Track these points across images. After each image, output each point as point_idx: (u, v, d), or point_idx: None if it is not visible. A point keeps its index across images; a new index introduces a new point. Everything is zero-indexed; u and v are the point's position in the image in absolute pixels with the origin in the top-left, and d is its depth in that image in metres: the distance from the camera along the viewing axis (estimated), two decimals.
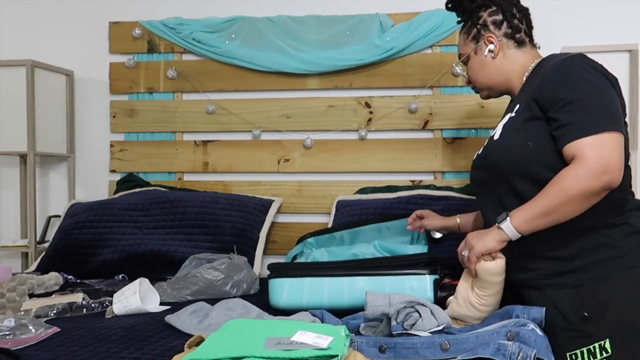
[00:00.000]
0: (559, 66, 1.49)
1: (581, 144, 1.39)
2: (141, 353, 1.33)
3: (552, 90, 1.48)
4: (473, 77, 1.76)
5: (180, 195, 2.58)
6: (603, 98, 1.44)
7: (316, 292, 1.66)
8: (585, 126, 1.40)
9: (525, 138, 1.50)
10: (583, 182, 1.37)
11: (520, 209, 1.44)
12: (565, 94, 1.45)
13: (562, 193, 1.39)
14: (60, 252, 2.44)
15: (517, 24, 1.69)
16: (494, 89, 1.75)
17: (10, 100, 2.64)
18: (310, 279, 1.67)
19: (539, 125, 1.49)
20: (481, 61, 1.71)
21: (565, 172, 1.40)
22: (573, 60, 1.49)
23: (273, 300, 1.70)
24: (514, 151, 1.51)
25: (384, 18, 2.63)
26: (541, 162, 1.47)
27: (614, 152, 1.38)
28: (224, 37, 2.73)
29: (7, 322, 1.49)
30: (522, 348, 1.18)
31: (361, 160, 2.67)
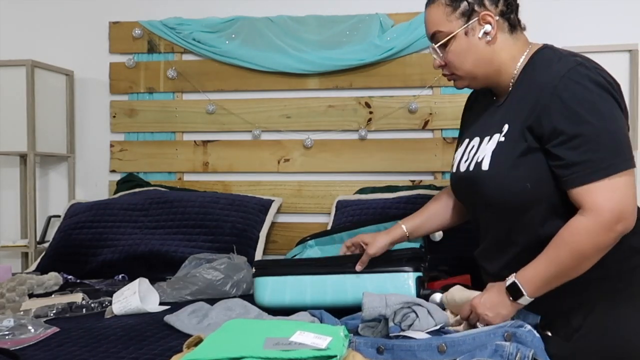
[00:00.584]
0: (557, 87, 1.29)
1: (591, 190, 1.25)
2: (140, 353, 1.33)
3: (551, 119, 1.29)
4: (457, 63, 1.44)
5: (180, 195, 2.58)
6: (612, 129, 1.27)
7: (299, 290, 1.66)
8: (595, 168, 1.25)
9: (521, 178, 1.34)
10: (596, 238, 1.25)
11: (531, 271, 1.30)
12: (568, 127, 1.27)
13: (575, 254, 1.26)
14: (60, 252, 2.44)
15: (513, 1, 1.43)
16: (478, 80, 1.47)
17: (10, 100, 2.64)
18: (292, 277, 1.67)
19: (536, 159, 1.33)
20: (471, 44, 1.41)
21: (576, 229, 1.27)
22: (573, 77, 1.28)
23: (257, 299, 1.71)
24: (509, 191, 1.36)
25: (384, 18, 2.63)
26: (539, 204, 1.35)
27: (627, 195, 1.25)
28: (224, 37, 2.73)
29: (6, 322, 1.49)
30: (519, 348, 1.18)
31: (361, 160, 2.67)
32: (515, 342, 1.21)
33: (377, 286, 1.58)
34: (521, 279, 1.30)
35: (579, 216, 1.27)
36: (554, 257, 1.28)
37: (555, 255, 1.28)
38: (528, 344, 1.20)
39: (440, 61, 1.47)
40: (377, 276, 1.61)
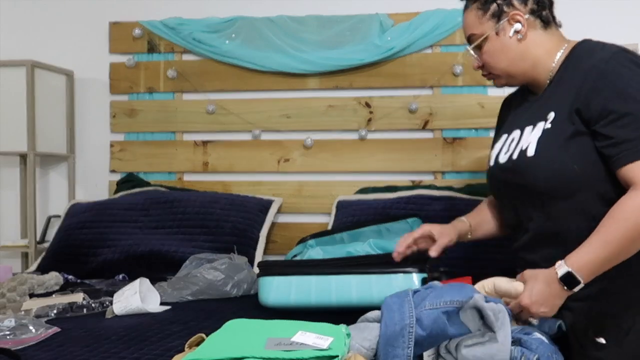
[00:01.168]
0: (604, 70, 1.33)
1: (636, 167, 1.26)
2: (141, 353, 1.33)
3: (600, 100, 1.31)
4: (492, 63, 1.49)
5: (180, 195, 2.58)
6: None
7: (303, 290, 1.64)
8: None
9: (569, 159, 1.34)
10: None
11: (583, 256, 1.26)
12: (617, 106, 1.29)
13: (629, 231, 1.24)
14: (61, 252, 2.44)
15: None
16: (515, 78, 1.51)
17: (10, 100, 2.64)
18: (297, 277, 1.66)
19: (585, 143, 1.34)
20: (503, 44, 1.46)
21: (626, 203, 1.26)
22: (619, 61, 1.34)
23: (262, 299, 1.70)
24: (557, 177, 1.36)
25: (384, 18, 2.63)
26: (588, 187, 1.35)
27: None
28: (224, 37, 2.73)
29: (7, 322, 1.49)
30: (524, 352, 1.18)
31: (361, 160, 2.67)
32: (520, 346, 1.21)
33: (383, 286, 1.55)
34: (574, 266, 1.26)
35: (630, 193, 1.26)
36: (606, 237, 1.26)
37: (608, 235, 1.26)
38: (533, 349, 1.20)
39: (479, 62, 1.53)
40: (383, 277, 1.59)
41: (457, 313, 1.17)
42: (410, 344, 1.14)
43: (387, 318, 1.19)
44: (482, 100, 2.57)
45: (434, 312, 1.17)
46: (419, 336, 1.16)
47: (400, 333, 1.15)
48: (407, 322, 1.16)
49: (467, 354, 1.15)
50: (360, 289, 1.60)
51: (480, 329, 1.18)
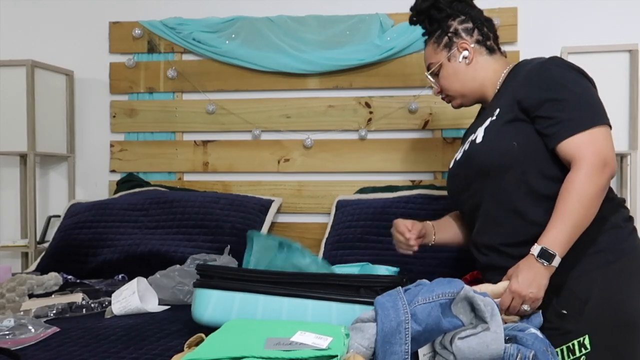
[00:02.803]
0: (540, 69, 1.54)
1: (576, 142, 1.44)
2: (141, 353, 1.33)
3: (537, 91, 1.51)
4: (447, 85, 1.74)
5: (180, 195, 2.58)
6: (589, 95, 1.51)
7: (249, 310, 1.39)
8: (578, 123, 1.45)
9: (509, 138, 1.52)
10: (594, 179, 1.41)
11: (551, 233, 1.41)
12: (553, 94, 1.49)
13: (583, 199, 1.40)
14: (60, 252, 2.44)
15: (487, 32, 1.73)
16: (467, 97, 1.75)
17: (10, 100, 2.64)
18: (242, 295, 1.41)
19: (523, 126, 1.53)
20: (455, 69, 1.71)
21: (574, 178, 1.42)
22: (553, 61, 1.55)
23: (196, 314, 1.45)
24: (499, 152, 1.53)
25: (384, 18, 2.63)
26: (528, 162, 1.51)
27: (607, 144, 1.45)
28: (224, 37, 2.73)
29: (6, 322, 1.49)
30: (520, 349, 1.18)
31: (361, 160, 2.67)
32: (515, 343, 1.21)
33: (344, 317, 1.33)
34: (547, 243, 1.40)
35: (573, 169, 1.43)
36: (565, 210, 1.40)
37: (566, 208, 1.41)
38: (529, 346, 1.21)
39: (437, 88, 1.78)
40: (345, 306, 1.35)
41: (450, 306, 1.19)
42: (407, 339, 1.14)
43: (383, 316, 1.19)
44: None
45: (428, 305, 1.18)
46: (415, 331, 1.17)
47: (396, 329, 1.15)
48: (403, 318, 1.16)
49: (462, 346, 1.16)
50: (317, 317, 1.36)
51: (473, 321, 1.20)
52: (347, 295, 1.37)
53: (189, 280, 1.85)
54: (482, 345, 1.16)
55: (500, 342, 1.17)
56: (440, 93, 1.80)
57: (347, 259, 2.23)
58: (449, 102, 1.79)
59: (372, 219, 2.37)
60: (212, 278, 1.46)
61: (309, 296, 1.38)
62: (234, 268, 1.63)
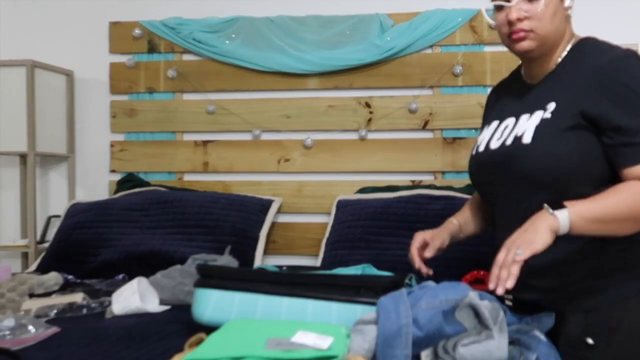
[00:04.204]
0: (619, 71, 1.31)
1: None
2: (141, 353, 1.33)
3: (613, 101, 1.29)
4: (543, 21, 1.37)
5: (180, 195, 2.58)
6: None
7: (248, 310, 1.38)
8: None
9: (568, 150, 1.31)
10: None
11: (581, 203, 1.23)
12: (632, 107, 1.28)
13: (635, 207, 1.24)
14: (61, 252, 2.44)
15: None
16: (544, 47, 1.41)
17: (10, 100, 2.64)
18: (242, 294, 1.40)
19: (586, 136, 1.32)
20: (559, 8, 1.39)
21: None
22: (630, 62, 1.32)
23: (196, 313, 1.44)
24: (554, 163, 1.32)
25: (384, 18, 2.63)
26: (584, 179, 1.32)
27: None
28: (224, 37, 2.73)
29: (7, 322, 1.49)
30: (522, 352, 1.18)
31: (361, 160, 2.67)
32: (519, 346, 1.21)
33: (345, 317, 1.32)
34: (567, 203, 1.23)
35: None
36: (612, 197, 1.25)
37: (615, 197, 1.25)
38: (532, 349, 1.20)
39: (522, 13, 1.37)
40: (346, 306, 1.33)
41: (453, 312, 1.18)
42: (409, 344, 1.14)
43: (384, 319, 1.18)
44: (482, 100, 2.57)
45: (430, 311, 1.16)
46: (416, 336, 1.15)
47: (397, 333, 1.14)
48: (404, 322, 1.15)
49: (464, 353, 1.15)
50: (317, 318, 1.34)
51: (476, 327, 1.19)
52: (348, 295, 1.34)
53: (189, 280, 1.85)
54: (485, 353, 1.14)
55: (504, 350, 1.15)
56: (518, 21, 1.38)
57: (347, 259, 2.23)
58: (521, 40, 1.40)
59: (372, 219, 2.37)
60: (212, 278, 1.46)
61: (309, 296, 1.36)
62: (234, 268, 1.66)
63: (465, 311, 1.18)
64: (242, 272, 1.48)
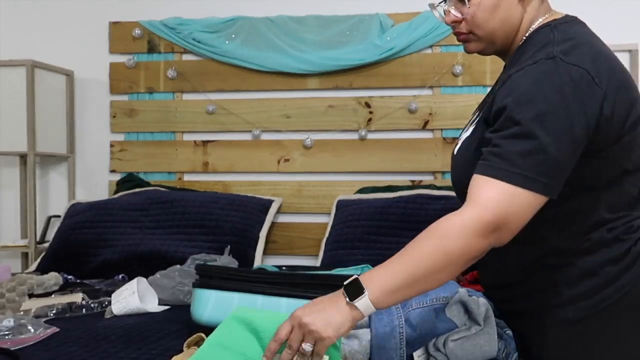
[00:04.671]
0: (512, 79, 1.12)
1: (491, 185, 1.03)
2: (140, 353, 1.33)
3: (494, 112, 1.12)
4: (479, 19, 1.21)
5: (180, 195, 2.58)
6: (544, 140, 1.03)
7: None
8: (510, 169, 1.03)
9: (471, 173, 1.11)
10: (469, 239, 1.01)
11: (379, 275, 1.02)
12: (501, 122, 1.08)
13: (439, 251, 1.01)
14: (60, 252, 2.44)
15: None
16: (495, 44, 1.26)
17: (10, 100, 2.64)
18: (241, 295, 1.39)
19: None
20: (500, 1, 1.20)
21: (452, 220, 1.03)
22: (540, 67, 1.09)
23: (195, 314, 1.44)
24: (463, 184, 1.13)
25: (384, 18, 2.63)
26: None
27: (519, 213, 1.03)
28: (224, 37, 2.73)
29: (6, 322, 1.49)
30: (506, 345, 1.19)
31: (361, 160, 2.67)
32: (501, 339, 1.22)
33: None
34: (364, 277, 1.02)
35: (460, 210, 1.05)
36: (414, 248, 1.03)
37: (418, 247, 1.03)
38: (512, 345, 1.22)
39: (458, 15, 1.24)
40: None
41: (444, 309, 1.18)
42: (402, 344, 1.14)
43: (376, 321, 1.18)
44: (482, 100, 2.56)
45: (422, 310, 1.17)
46: (409, 336, 1.16)
47: (391, 334, 1.15)
48: (396, 322, 1.16)
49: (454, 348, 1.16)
50: None
51: (466, 323, 1.20)
52: None
53: (189, 280, 1.85)
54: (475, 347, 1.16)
55: (494, 344, 1.17)
56: (455, 24, 1.25)
57: (347, 259, 2.23)
58: (466, 42, 1.27)
59: (372, 219, 2.37)
60: (211, 278, 1.45)
61: (307, 296, 1.33)
62: (233, 268, 1.65)
63: (455, 308, 1.19)
64: (241, 273, 1.47)
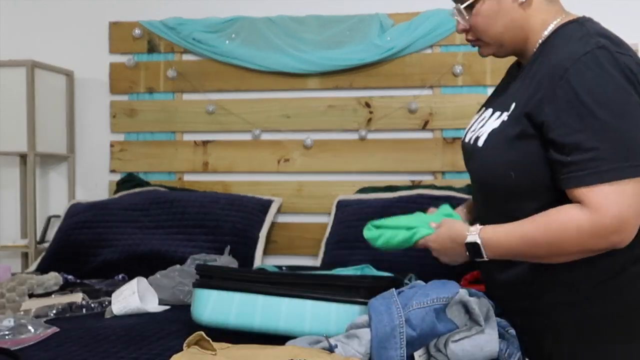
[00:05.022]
0: (570, 71, 1.14)
1: (595, 192, 1.10)
2: (140, 353, 1.33)
3: (555, 107, 1.15)
4: (484, 27, 1.29)
5: (180, 195, 2.58)
6: (625, 127, 1.12)
7: (247, 311, 1.37)
8: (602, 169, 1.10)
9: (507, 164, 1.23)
10: (586, 240, 1.12)
11: (497, 239, 1.21)
12: (573, 121, 1.13)
13: (554, 246, 1.15)
14: (60, 252, 2.44)
15: None
16: (505, 47, 1.33)
17: (10, 100, 2.64)
18: (241, 295, 1.39)
19: (528, 149, 1.21)
20: (500, 7, 1.27)
21: (568, 219, 1.13)
22: (589, 62, 1.14)
23: (195, 314, 1.43)
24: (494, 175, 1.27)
25: (384, 18, 2.63)
26: (527, 198, 1.24)
27: (632, 205, 1.10)
28: (224, 37, 2.73)
29: (6, 322, 1.49)
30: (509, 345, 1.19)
31: (361, 160, 2.67)
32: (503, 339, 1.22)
33: (344, 317, 1.31)
34: (485, 240, 1.22)
35: (577, 207, 1.13)
36: (530, 235, 1.17)
37: (533, 235, 1.17)
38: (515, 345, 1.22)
39: (465, 25, 1.32)
40: (345, 306, 1.32)
41: (445, 310, 1.18)
42: (403, 344, 1.14)
43: (376, 321, 1.18)
44: (482, 100, 2.51)
45: (422, 310, 1.17)
46: (410, 336, 1.15)
47: (391, 334, 1.14)
48: (397, 322, 1.15)
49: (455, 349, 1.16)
50: (316, 318, 1.33)
51: (467, 324, 1.19)
52: (347, 295, 1.33)
53: (189, 280, 1.85)
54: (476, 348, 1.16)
55: (495, 344, 1.16)
56: (465, 32, 1.34)
57: (347, 259, 2.22)
58: (477, 47, 1.36)
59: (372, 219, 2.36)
60: (211, 278, 1.45)
61: (308, 296, 1.35)
62: (233, 268, 1.67)
63: (456, 308, 1.19)
64: (241, 273, 1.49)
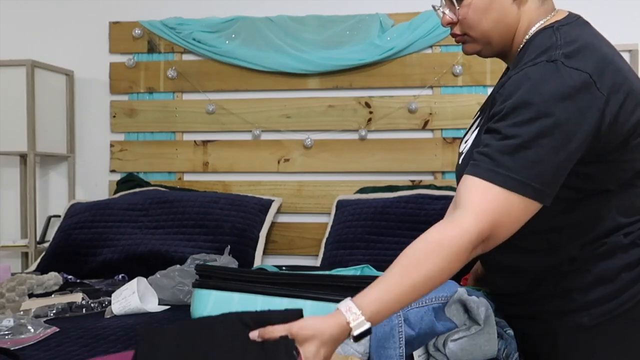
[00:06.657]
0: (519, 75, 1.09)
1: (482, 186, 1.00)
2: None
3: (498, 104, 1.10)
4: (473, 21, 1.20)
5: (180, 195, 2.58)
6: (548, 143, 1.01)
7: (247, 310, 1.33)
8: (496, 167, 1.01)
9: None
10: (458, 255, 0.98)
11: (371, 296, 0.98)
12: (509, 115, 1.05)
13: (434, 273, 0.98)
14: (60, 252, 2.44)
15: None
16: (492, 46, 1.24)
17: (10, 100, 2.64)
18: (241, 295, 1.38)
19: None
20: (491, 3, 1.18)
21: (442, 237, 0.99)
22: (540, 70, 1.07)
23: (195, 314, 1.43)
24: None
25: (384, 18, 2.63)
26: None
27: (515, 220, 1.01)
28: (224, 37, 2.73)
29: (6, 322, 1.49)
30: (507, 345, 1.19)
31: (361, 160, 2.67)
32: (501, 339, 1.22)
33: None
34: (359, 301, 0.99)
35: (453, 218, 1.01)
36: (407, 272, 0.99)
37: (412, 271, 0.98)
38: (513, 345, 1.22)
39: (452, 17, 1.22)
40: None
41: (443, 309, 1.18)
42: (401, 343, 1.14)
43: None
44: (482, 100, 2.54)
45: (421, 309, 1.17)
46: (409, 335, 1.15)
47: (390, 333, 1.14)
48: (396, 322, 1.15)
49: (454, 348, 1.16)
50: None
51: (466, 323, 1.19)
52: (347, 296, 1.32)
53: (189, 280, 1.85)
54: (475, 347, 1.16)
55: (494, 344, 1.17)
56: (452, 25, 1.24)
57: (347, 259, 2.23)
58: (463, 43, 1.26)
59: (372, 219, 2.37)
60: (211, 278, 1.45)
61: (307, 297, 1.33)
62: (233, 268, 1.66)
63: (454, 307, 1.19)
64: (241, 273, 1.47)
